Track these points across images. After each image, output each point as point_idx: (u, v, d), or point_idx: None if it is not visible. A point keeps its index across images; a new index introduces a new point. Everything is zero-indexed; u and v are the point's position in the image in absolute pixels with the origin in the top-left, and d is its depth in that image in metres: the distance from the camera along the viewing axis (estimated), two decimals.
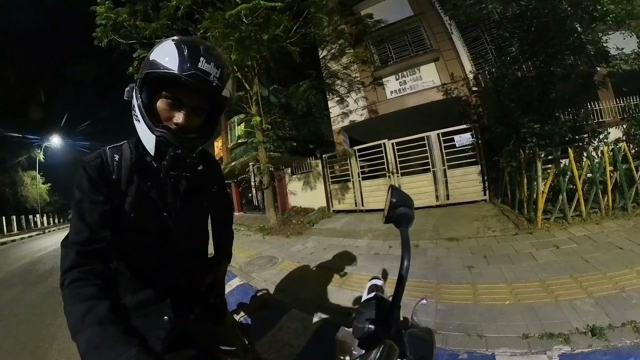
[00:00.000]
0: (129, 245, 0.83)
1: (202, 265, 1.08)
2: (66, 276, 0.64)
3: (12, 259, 10.45)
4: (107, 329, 0.53)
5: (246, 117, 8.83)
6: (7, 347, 3.17)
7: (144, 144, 0.79)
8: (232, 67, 6.28)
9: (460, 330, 2.19)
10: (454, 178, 7.22)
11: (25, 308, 4.55)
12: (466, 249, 4.01)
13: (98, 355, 0.49)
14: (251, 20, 6.24)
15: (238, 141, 13.96)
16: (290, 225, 7.95)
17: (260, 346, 2.31)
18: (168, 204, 0.87)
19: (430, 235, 4.92)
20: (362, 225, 6.51)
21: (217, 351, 0.87)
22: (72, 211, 0.74)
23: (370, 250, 4.63)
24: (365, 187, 8.42)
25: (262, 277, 4.23)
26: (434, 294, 2.84)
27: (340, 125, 10.29)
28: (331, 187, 9.26)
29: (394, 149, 7.88)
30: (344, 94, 9.98)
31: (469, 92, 8.13)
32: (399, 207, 0.74)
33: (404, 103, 9.09)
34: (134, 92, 0.79)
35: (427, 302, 0.71)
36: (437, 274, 3.33)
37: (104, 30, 7.16)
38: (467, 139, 7.17)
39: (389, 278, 3.20)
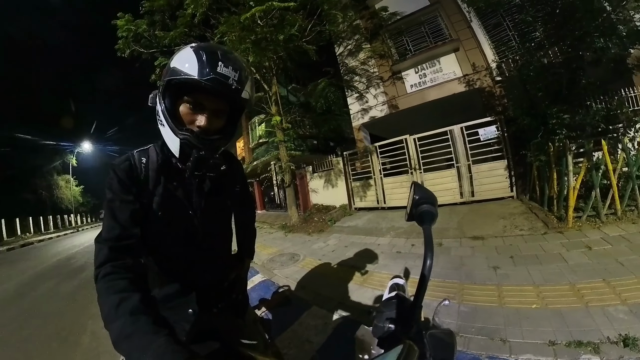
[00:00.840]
0: (157, 242, 0.87)
1: (225, 261, 1.12)
2: (100, 270, 0.68)
3: (49, 255, 11.44)
4: (138, 319, 0.56)
5: (266, 117, 8.94)
6: (44, 334, 3.48)
7: (169, 146, 0.83)
8: (250, 69, 6.41)
9: (483, 333, 2.10)
10: (479, 174, 6.89)
11: (60, 299, 4.96)
12: (492, 249, 3.84)
13: (129, 343, 0.52)
14: (266, 22, 6.31)
15: (259, 141, 14.21)
16: (312, 223, 8.01)
17: (280, 341, 2.35)
18: (193, 202, 0.91)
19: (454, 233, 4.77)
20: (384, 223, 6.42)
21: (239, 344, 0.88)
22: (104, 210, 0.78)
23: (392, 249, 4.55)
24: (387, 184, 8.28)
25: (284, 273, 4.28)
26: (457, 294, 2.74)
27: (360, 122, 10.15)
28: (352, 185, 9.19)
29: (416, 144, 7.66)
30: (363, 90, 9.83)
31: (493, 82, 7.70)
32: (422, 204, 0.72)
33: (425, 97, 8.80)
34: (158, 98, 0.83)
35: (450, 303, 0.69)
36: (460, 274, 3.21)
37: (125, 42, 7.52)
38: (492, 132, 6.82)
39: (411, 277, 3.15)
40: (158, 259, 0.92)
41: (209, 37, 7.60)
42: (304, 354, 2.20)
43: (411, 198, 0.75)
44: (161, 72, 0.87)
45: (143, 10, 7.63)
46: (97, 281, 0.66)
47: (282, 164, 8.36)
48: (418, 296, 0.64)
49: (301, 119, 9.92)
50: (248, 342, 0.94)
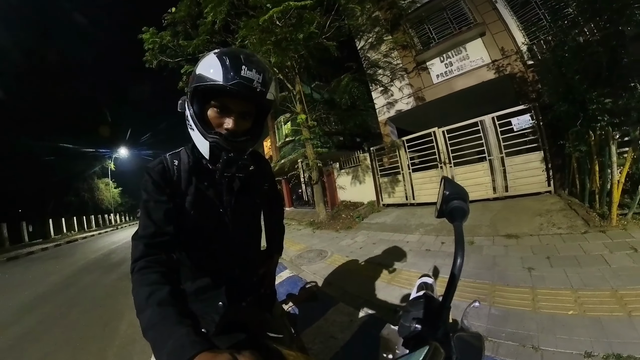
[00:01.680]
0: (189, 238, 0.92)
1: (255, 257, 1.15)
2: (135, 264, 0.73)
3: (91, 250, 12.62)
4: (165, 309, 0.59)
5: (292, 115, 9.04)
6: (86, 321, 3.90)
7: (199, 149, 0.87)
8: (273, 69, 6.49)
9: (513, 339, 1.97)
10: (513, 167, 6.41)
11: (101, 290, 5.48)
12: (527, 248, 3.60)
13: (154, 331, 0.55)
14: (284, 22, 6.35)
15: (286, 139, 14.39)
16: (340, 219, 8.01)
17: (305, 336, 2.38)
18: (224, 201, 0.95)
19: (486, 231, 4.53)
20: (413, 220, 6.26)
21: (265, 337, 0.90)
22: (140, 210, 0.84)
23: (421, 246, 4.43)
24: (416, 180, 8.02)
25: (312, 269, 4.33)
26: (488, 296, 2.60)
27: (386, 116, 9.90)
28: (380, 181, 9.00)
29: (445, 137, 7.30)
30: (387, 83, 9.58)
31: (524, 66, 7.09)
32: (453, 200, 0.69)
33: (452, 86, 8.36)
34: (186, 104, 0.87)
35: (480, 304, 0.66)
36: (492, 274, 3.04)
37: (152, 54, 8.00)
38: (526, 121, 6.28)
39: (440, 276, 3.06)
40: (191, 254, 0.97)
41: (230, 42, 7.83)
42: (328, 349, 2.22)
43: (441, 194, 0.73)
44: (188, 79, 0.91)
45: (165, 23, 8.10)
46: (132, 274, 0.71)
47: (309, 162, 8.41)
48: (447, 296, 0.62)
49: (326, 116, 9.93)
50: (274, 335, 0.96)
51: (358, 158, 9.69)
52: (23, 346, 3.32)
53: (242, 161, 0.86)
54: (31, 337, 3.55)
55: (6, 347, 3.32)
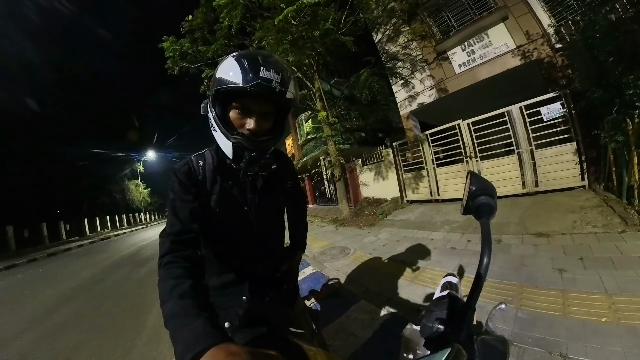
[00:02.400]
0: (215, 235, 0.96)
1: (278, 253, 1.18)
2: (162, 259, 0.77)
3: (123, 247, 13.66)
4: (185, 302, 0.62)
5: (312, 113, 9.05)
6: (118, 311, 4.27)
7: (223, 149, 0.89)
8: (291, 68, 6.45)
9: (540, 345, 1.86)
10: (544, 160, 5.99)
11: (132, 284, 5.90)
12: (558, 248, 3.37)
13: (174, 321, 0.58)
14: (299, 21, 6.34)
15: (307, 137, 14.46)
16: (363, 216, 7.97)
17: (326, 332, 2.40)
18: (248, 199, 0.98)
19: (515, 229, 4.31)
20: (438, 217, 6.09)
21: (287, 332, 0.92)
22: (167, 209, 0.88)
23: (446, 244, 4.31)
24: (441, 175, 7.77)
25: (334, 266, 4.34)
26: (515, 298, 2.47)
27: (408, 110, 9.66)
28: (404, 176, 8.83)
29: (470, 129, 6.98)
30: (408, 75, 9.32)
31: (552, 50, 6.57)
32: (479, 196, 0.67)
33: (476, 76, 7.96)
34: (208, 107, 0.90)
35: (506, 307, 0.63)
36: (520, 275, 2.88)
37: (173, 61, 8.29)
38: (557, 110, 5.82)
39: (465, 276, 2.97)
40: (216, 251, 1.01)
41: (247, 44, 7.94)
42: (349, 346, 2.22)
43: (467, 189, 0.70)
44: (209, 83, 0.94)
45: (184, 31, 8.40)
46: (159, 269, 0.75)
47: (331, 159, 8.40)
48: (472, 297, 0.60)
49: (347, 112, 9.82)
50: (295, 330, 0.97)
51: (380, 154, 9.54)
52: (60, 334, 3.68)
53: (265, 160, 0.88)
54: (67, 326, 3.96)
55: (45, 334, 3.72)
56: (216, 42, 7.96)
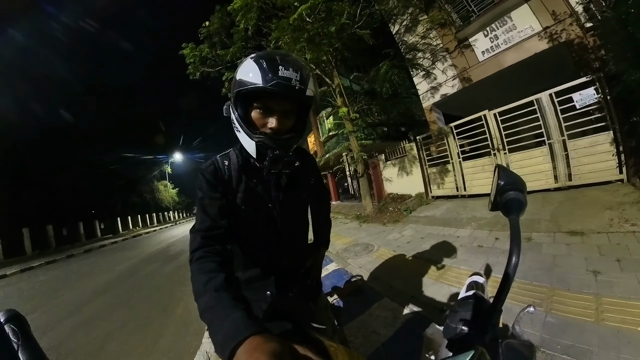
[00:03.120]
0: (242, 232, 0.99)
1: (302, 249, 1.19)
2: (193, 255, 0.80)
3: (153, 243, 14.59)
4: (221, 294, 0.64)
5: (333, 109, 9.01)
6: (148, 304, 4.55)
7: (246, 149, 0.92)
8: (310, 66, 6.49)
9: (569, 353, 1.73)
10: (577, 151, 5.49)
11: (161, 278, 6.28)
12: (593, 248, 3.12)
13: (211, 314, 0.60)
14: (314, 18, 6.31)
15: (329, 134, 14.48)
16: (387, 212, 7.88)
17: (348, 329, 2.40)
18: (272, 197, 1.00)
19: (546, 226, 4.04)
20: (465, 213, 5.87)
21: (309, 327, 0.93)
22: (196, 207, 0.92)
23: (473, 242, 4.15)
24: (467, 169, 7.43)
25: (358, 263, 4.33)
26: (545, 301, 2.31)
27: (430, 102, 9.32)
28: (428, 171, 8.54)
29: (497, 120, 6.58)
30: (429, 66, 8.97)
31: (582, 31, 5.99)
32: (508, 191, 0.64)
33: (501, 63, 7.48)
34: (231, 108, 0.93)
35: (535, 310, 0.59)
36: (551, 276, 2.70)
37: (194, 66, 8.64)
38: (590, 96, 5.26)
39: (492, 276, 2.82)
40: (243, 247, 1.04)
41: (265, 45, 8.03)
42: (370, 344, 2.21)
43: (495, 184, 0.68)
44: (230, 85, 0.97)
45: (202, 36, 8.69)
46: (191, 263, 0.79)
47: (353, 155, 8.35)
48: (499, 298, 0.57)
49: (368, 107, 9.70)
50: (317, 326, 0.99)
51: (404, 148, 9.32)
52: (94, 323, 4.05)
53: (288, 158, 0.89)
54: (101, 316, 4.34)
55: (81, 323, 4.12)
56: (234, 45, 8.18)
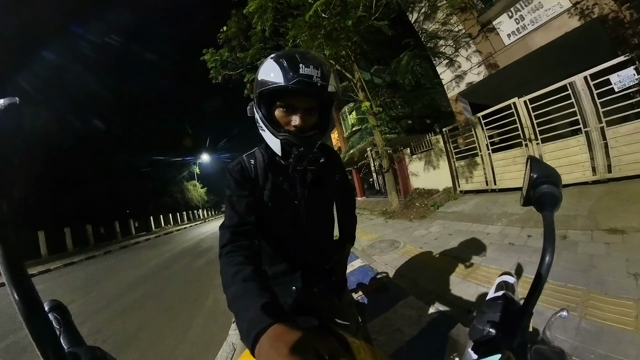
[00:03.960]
0: (268, 228, 1.01)
1: (328, 246, 1.21)
2: (223, 249, 0.83)
3: (184, 240, 15.46)
4: (248, 285, 0.67)
5: (355, 104, 8.93)
6: (179, 295, 4.87)
7: (271, 147, 0.94)
8: (329, 62, 6.45)
9: None
10: (618, 139, 4.91)
11: (192, 272, 6.64)
12: (635, 248, 2.81)
13: (239, 302, 0.62)
14: (330, 13, 6.25)
15: (352, 129, 14.43)
16: (413, 208, 7.74)
17: (372, 326, 2.39)
18: (298, 193, 1.02)
19: (583, 223, 3.72)
20: (495, 208, 5.61)
21: (332, 323, 0.93)
22: (225, 204, 0.96)
23: (504, 239, 3.94)
24: (497, 161, 7.05)
25: (383, 260, 4.29)
26: (580, 305, 2.13)
27: (456, 92, 8.97)
28: (456, 165, 8.22)
29: (528, 108, 6.13)
30: (452, 54, 8.57)
31: (617, 3, 5.43)
32: (541, 184, 0.60)
33: (529, 45, 6.97)
34: (254, 109, 0.95)
35: (568, 314, 0.55)
36: (588, 278, 2.48)
37: (215, 70, 8.90)
38: (630, 77, 4.70)
39: (524, 276, 2.68)
40: (269, 242, 1.06)
41: (283, 45, 8.06)
42: (393, 342, 2.17)
43: (527, 177, 0.63)
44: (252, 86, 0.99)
45: (221, 41, 8.93)
46: (220, 258, 0.82)
47: (378, 149, 8.25)
48: (529, 300, 0.54)
49: (391, 100, 9.47)
50: (341, 322, 0.99)
51: (430, 141, 9.02)
52: (130, 313, 4.41)
53: (313, 154, 0.90)
54: (136, 306, 4.71)
55: (118, 312, 4.49)
56: (252, 47, 8.37)
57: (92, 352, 0.50)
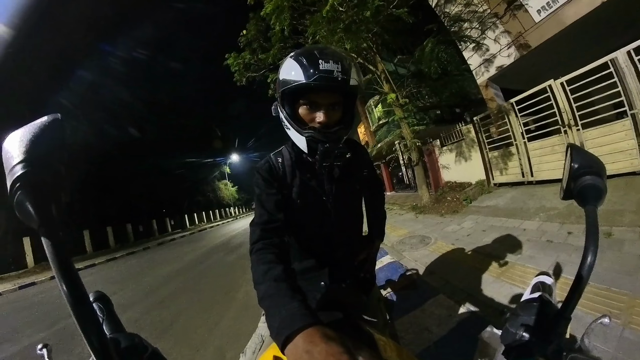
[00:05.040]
0: (297, 224, 1.03)
1: (356, 241, 1.21)
2: (253, 246, 0.85)
3: (217, 236, 16.45)
4: (279, 284, 0.68)
5: (381, 97, 8.79)
6: (212, 288, 5.18)
7: (298, 145, 0.95)
8: (350, 55, 6.27)
9: None
10: None
11: (224, 267, 7.04)
12: None
13: (269, 301, 0.64)
14: (347, 6, 6.18)
15: (379, 122, 14.30)
16: (445, 202, 7.55)
17: (399, 324, 2.36)
18: (325, 189, 1.03)
19: (631, 219, 3.35)
20: (532, 202, 5.28)
21: (360, 319, 0.93)
22: (254, 202, 0.98)
23: (542, 236, 3.69)
24: (534, 151, 6.56)
25: (413, 256, 4.23)
26: (624, 312, 1.91)
27: (485, 77, 8.46)
28: (489, 156, 7.82)
29: (566, 90, 5.57)
30: (478, 37, 8.04)
31: None
32: (583, 175, 0.55)
33: (562, 20, 6.31)
34: (278, 108, 0.96)
35: (610, 321, 0.51)
36: (634, 282, 2.23)
37: (239, 73, 9.20)
38: None
39: (562, 277, 2.51)
40: (298, 238, 1.09)
41: (303, 42, 8.18)
42: (420, 341, 2.13)
43: (567, 167, 0.59)
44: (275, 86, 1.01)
45: (242, 45, 9.15)
46: (251, 254, 0.84)
47: (406, 142, 8.07)
48: (568, 304, 0.51)
49: (417, 90, 9.25)
50: (369, 318, 0.99)
51: (460, 131, 8.70)
52: (166, 304, 4.80)
53: (339, 150, 0.90)
54: (173, 297, 5.10)
55: (155, 303, 4.90)
56: (273, 47, 8.51)
57: (131, 338, 0.55)
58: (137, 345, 0.54)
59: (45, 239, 0.34)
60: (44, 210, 0.35)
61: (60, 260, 0.34)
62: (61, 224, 0.36)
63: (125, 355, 0.51)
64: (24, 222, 0.35)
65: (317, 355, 0.43)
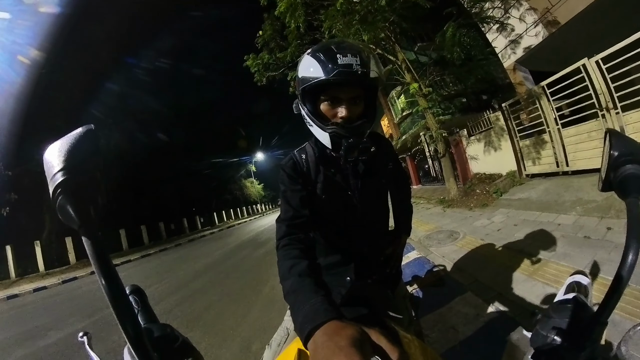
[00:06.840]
0: (322, 220, 1.04)
1: (383, 236, 1.21)
2: (280, 242, 0.87)
3: (244, 233, 16.95)
4: (304, 279, 0.69)
5: (403, 87, 8.59)
6: (240, 283, 5.43)
7: (321, 141, 0.96)
8: (369, 47, 6.21)
9: None
10: None
11: (252, 262, 7.34)
12: None
13: (295, 296, 0.65)
14: None
15: (402, 114, 13.98)
16: (474, 195, 7.32)
17: (425, 321, 2.32)
18: (350, 184, 1.03)
19: None
20: (568, 195, 4.95)
21: (385, 315, 0.94)
22: (280, 199, 1.00)
23: (578, 232, 3.46)
24: (569, 138, 6.06)
25: (441, 252, 4.17)
26: None
27: (512, 60, 8.02)
28: (520, 144, 7.39)
29: (602, 69, 5.04)
30: (502, 17, 7.58)
31: None
32: (624, 164, 0.51)
33: None
34: (300, 106, 0.97)
35: None
36: None
37: (259, 74, 9.30)
38: None
39: (600, 277, 2.33)
40: (324, 234, 1.10)
41: (319, 38, 8.13)
42: (446, 340, 2.08)
43: (606, 155, 0.54)
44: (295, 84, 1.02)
45: (259, 45, 9.30)
46: (277, 250, 0.87)
47: (432, 133, 7.84)
48: (605, 306, 0.48)
49: (440, 78, 8.85)
50: (394, 315, 0.99)
51: (488, 119, 8.30)
52: (197, 296, 5.08)
53: (363, 144, 0.90)
54: (202, 291, 5.40)
55: (186, 296, 5.21)
56: (290, 45, 8.59)
57: (163, 328, 0.59)
58: (169, 335, 0.58)
59: (85, 238, 0.37)
60: (84, 212, 0.38)
61: (99, 257, 0.37)
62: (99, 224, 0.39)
63: (158, 344, 0.55)
64: (66, 224, 0.38)
65: (337, 346, 0.43)
